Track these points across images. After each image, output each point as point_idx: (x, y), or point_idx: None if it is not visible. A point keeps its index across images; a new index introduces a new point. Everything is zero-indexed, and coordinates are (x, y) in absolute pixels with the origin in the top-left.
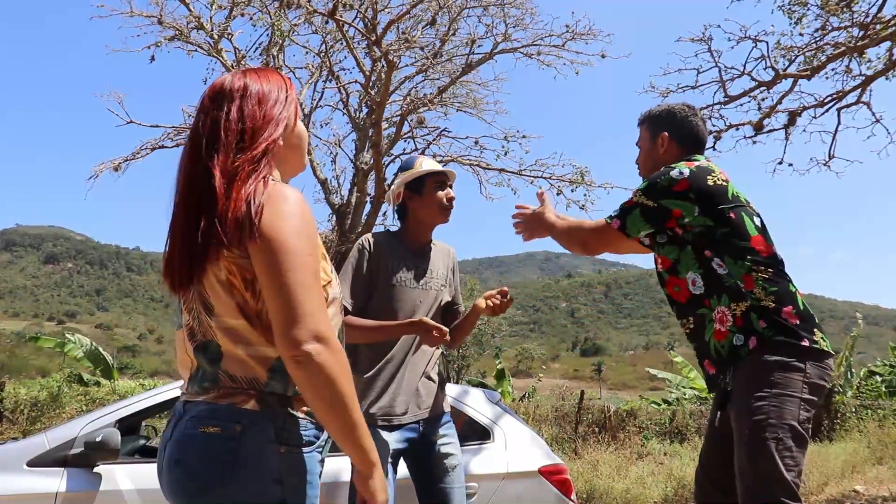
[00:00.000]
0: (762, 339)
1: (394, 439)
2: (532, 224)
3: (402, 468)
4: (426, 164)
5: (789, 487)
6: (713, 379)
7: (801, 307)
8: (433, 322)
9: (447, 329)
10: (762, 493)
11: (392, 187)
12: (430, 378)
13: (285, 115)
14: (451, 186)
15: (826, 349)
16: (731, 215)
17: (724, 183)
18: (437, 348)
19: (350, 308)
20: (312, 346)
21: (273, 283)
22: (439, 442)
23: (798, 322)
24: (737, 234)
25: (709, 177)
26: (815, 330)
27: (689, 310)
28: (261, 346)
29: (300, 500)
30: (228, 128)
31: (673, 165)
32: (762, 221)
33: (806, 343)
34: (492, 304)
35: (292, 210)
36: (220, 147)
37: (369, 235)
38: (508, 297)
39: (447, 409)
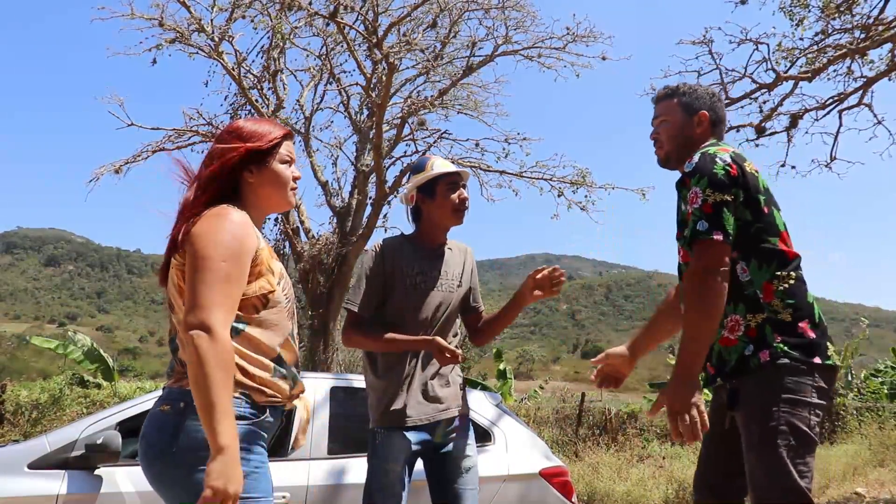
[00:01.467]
0: (775, 353)
1: (409, 441)
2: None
3: (417, 468)
4: (438, 166)
5: (804, 494)
6: (711, 379)
7: (818, 319)
8: (445, 343)
9: (460, 352)
10: (776, 500)
11: (404, 190)
12: (446, 380)
13: (236, 153)
14: (464, 186)
15: (836, 364)
16: (766, 209)
17: (757, 172)
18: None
19: (364, 316)
20: (195, 331)
21: (188, 281)
22: (454, 444)
23: (814, 336)
24: (768, 230)
25: (745, 164)
26: (828, 343)
27: None
28: None
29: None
30: (204, 161)
31: (709, 151)
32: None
33: (818, 360)
34: (541, 289)
35: (221, 225)
36: (197, 177)
37: (380, 241)
38: (558, 272)
39: (466, 410)
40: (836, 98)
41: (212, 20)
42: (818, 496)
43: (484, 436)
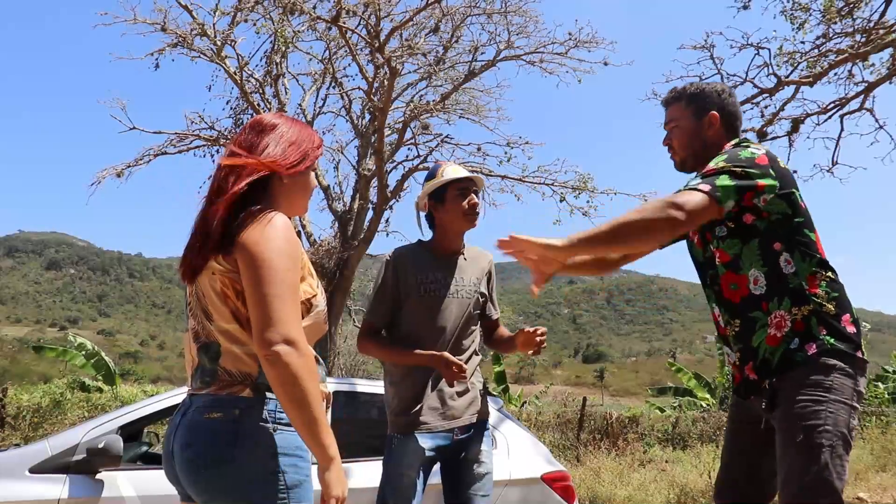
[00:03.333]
0: (821, 346)
1: (423, 447)
2: (537, 250)
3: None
4: (448, 172)
5: (837, 496)
6: (753, 385)
7: (856, 316)
8: (453, 358)
9: (466, 367)
10: (810, 499)
11: (417, 198)
12: (465, 386)
13: (286, 158)
14: (475, 192)
15: (867, 360)
16: (802, 204)
17: (789, 171)
18: (476, 354)
19: (377, 325)
20: (281, 347)
21: (254, 293)
22: (470, 449)
23: (855, 331)
24: (807, 225)
25: (779, 159)
26: (862, 340)
27: (741, 311)
28: (252, 346)
29: (294, 470)
30: (237, 159)
31: (742, 145)
32: None
33: (861, 354)
34: (527, 345)
35: (276, 233)
36: (231, 175)
37: (393, 250)
38: (539, 333)
39: (484, 416)
40: (837, 103)
41: (214, 24)
42: None
43: None
